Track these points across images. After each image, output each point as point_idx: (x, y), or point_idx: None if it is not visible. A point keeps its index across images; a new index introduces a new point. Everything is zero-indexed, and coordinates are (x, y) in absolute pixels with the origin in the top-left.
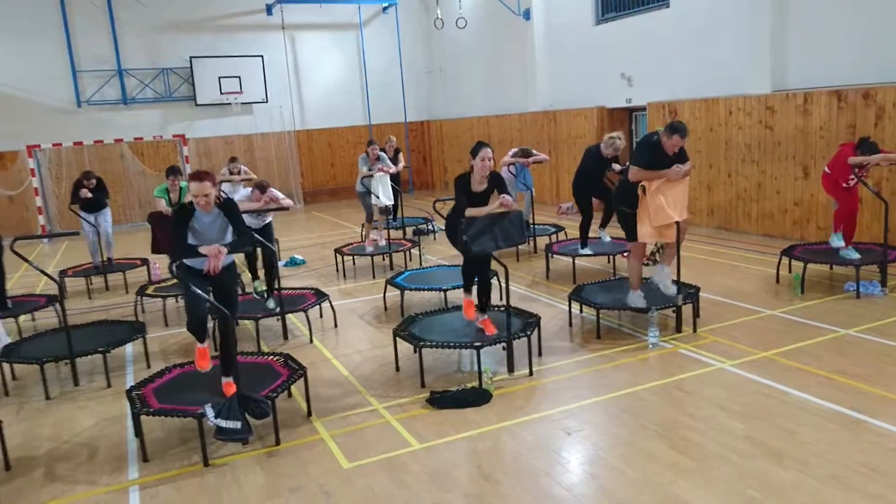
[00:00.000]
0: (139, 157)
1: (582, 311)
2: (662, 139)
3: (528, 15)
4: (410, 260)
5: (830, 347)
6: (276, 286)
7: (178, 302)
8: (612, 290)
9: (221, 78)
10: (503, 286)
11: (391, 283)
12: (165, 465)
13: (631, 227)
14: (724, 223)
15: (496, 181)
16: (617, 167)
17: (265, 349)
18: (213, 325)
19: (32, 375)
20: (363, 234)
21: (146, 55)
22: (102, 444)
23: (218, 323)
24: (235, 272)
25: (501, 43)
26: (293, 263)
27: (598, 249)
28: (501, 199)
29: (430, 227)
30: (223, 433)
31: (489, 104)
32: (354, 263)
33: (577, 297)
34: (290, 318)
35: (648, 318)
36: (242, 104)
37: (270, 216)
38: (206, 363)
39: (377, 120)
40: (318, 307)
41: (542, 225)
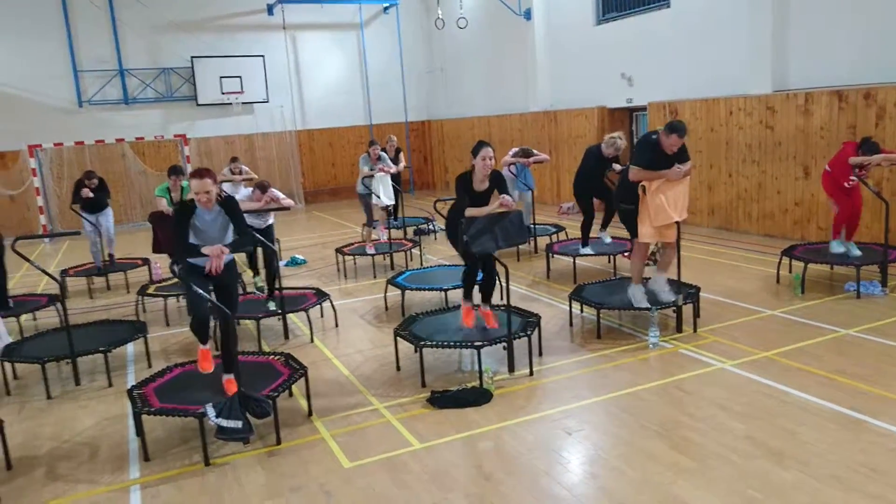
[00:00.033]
0: (140, 156)
1: (582, 310)
2: (661, 138)
3: (528, 15)
4: (411, 260)
5: (831, 347)
6: (276, 286)
7: (179, 301)
8: (612, 289)
9: (222, 78)
10: (504, 286)
11: (392, 282)
12: (166, 464)
13: (634, 222)
14: (724, 223)
15: (497, 180)
16: (617, 167)
17: (266, 349)
18: (214, 325)
19: (34, 375)
20: (363, 235)
21: (147, 55)
22: (104, 443)
23: (219, 321)
24: (236, 271)
25: (502, 43)
26: (294, 263)
27: (598, 249)
28: (501, 199)
29: (430, 226)
30: (224, 432)
31: (490, 104)
32: (355, 263)
33: (577, 296)
34: (290, 317)
35: (649, 317)
36: (243, 104)
37: (272, 217)
38: (208, 365)
39: (378, 120)
40: (318, 307)
41: (542, 225)
